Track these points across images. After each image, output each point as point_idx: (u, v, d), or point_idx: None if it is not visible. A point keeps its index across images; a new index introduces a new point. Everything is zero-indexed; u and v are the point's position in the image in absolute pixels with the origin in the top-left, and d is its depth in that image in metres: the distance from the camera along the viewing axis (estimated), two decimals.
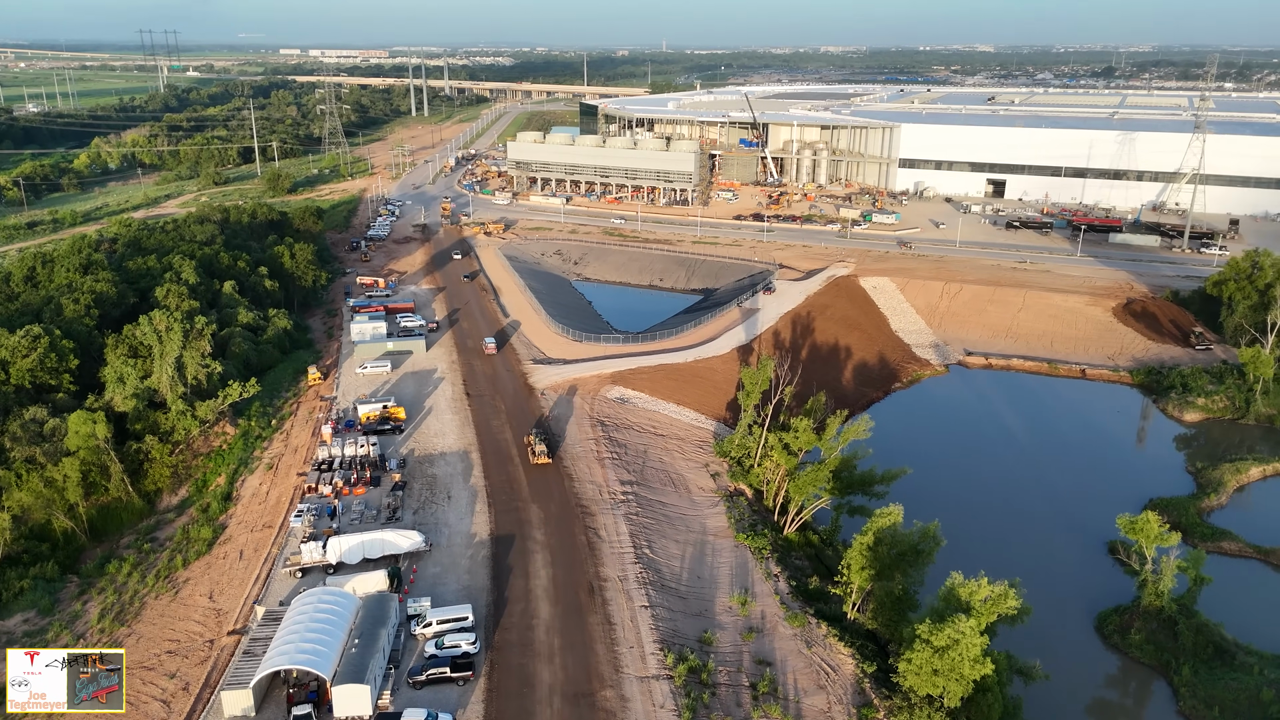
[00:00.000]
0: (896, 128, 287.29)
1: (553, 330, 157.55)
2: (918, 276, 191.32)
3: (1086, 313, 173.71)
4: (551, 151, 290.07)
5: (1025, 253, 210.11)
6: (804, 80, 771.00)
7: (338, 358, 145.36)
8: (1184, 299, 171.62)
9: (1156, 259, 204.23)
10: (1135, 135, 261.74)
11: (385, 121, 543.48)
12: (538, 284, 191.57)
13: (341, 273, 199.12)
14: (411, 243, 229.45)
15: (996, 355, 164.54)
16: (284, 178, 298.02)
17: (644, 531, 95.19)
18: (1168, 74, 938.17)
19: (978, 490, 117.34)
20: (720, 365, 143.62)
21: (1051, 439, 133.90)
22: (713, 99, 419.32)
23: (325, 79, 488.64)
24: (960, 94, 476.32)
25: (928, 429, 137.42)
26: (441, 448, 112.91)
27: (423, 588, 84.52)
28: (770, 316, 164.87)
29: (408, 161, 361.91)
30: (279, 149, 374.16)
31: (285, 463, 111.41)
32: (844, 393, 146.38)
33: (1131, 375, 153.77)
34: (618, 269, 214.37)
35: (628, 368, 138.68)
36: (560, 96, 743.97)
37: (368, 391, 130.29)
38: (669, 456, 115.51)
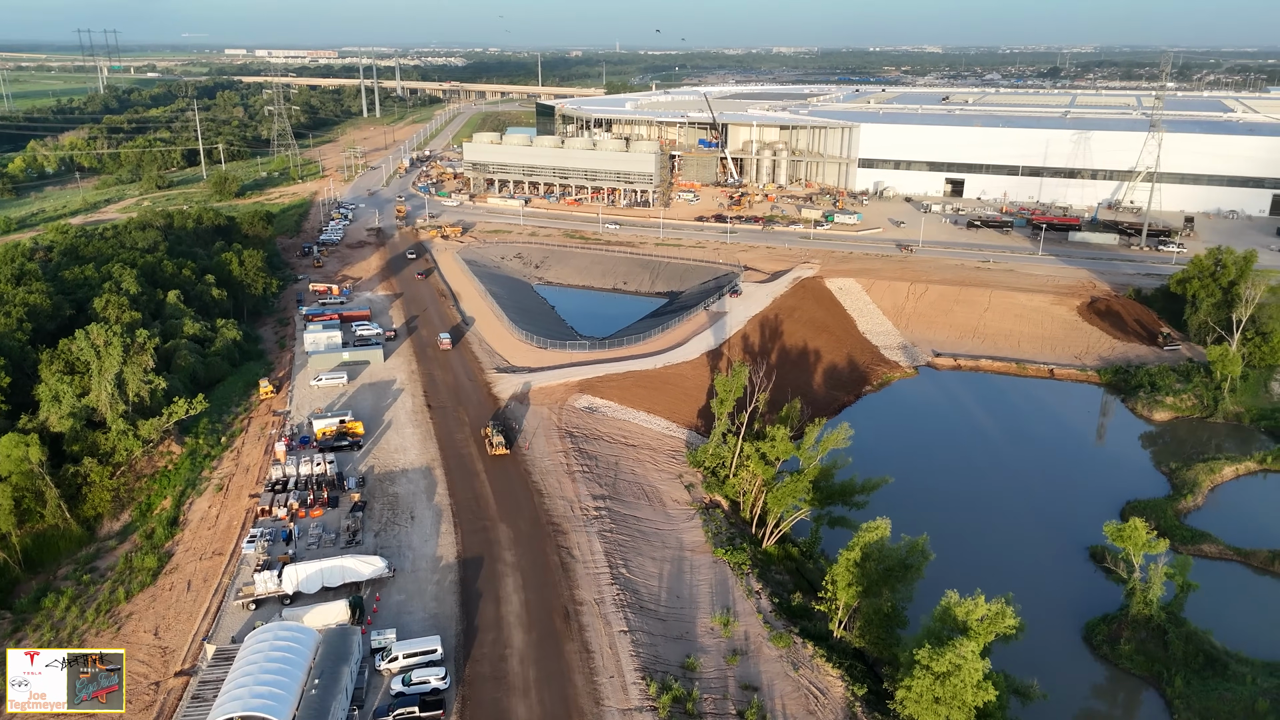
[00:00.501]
0: (855, 128, 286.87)
1: (516, 337, 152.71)
2: (883, 277, 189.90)
3: (1052, 312, 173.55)
4: (509, 153, 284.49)
5: (988, 252, 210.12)
6: (758, 81, 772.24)
7: (291, 369, 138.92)
8: (1147, 297, 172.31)
9: (1116, 257, 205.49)
10: (1090, 134, 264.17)
11: (336, 123, 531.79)
12: (498, 289, 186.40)
13: (293, 279, 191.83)
14: (366, 247, 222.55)
15: (965, 356, 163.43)
16: (231, 181, 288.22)
17: (619, 549, 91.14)
18: (1111, 74, 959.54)
19: (955, 496, 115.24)
20: (690, 371, 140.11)
21: (1025, 441, 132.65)
22: (670, 99, 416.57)
23: (273, 79, 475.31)
24: (915, 94, 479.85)
25: (901, 433, 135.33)
26: (403, 464, 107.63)
27: (387, 618, 79.48)
28: (738, 320, 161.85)
29: (360, 163, 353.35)
30: (225, 151, 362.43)
31: (236, 483, 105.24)
32: (815, 397, 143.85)
33: (1099, 375, 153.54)
34: (580, 272, 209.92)
35: (595, 375, 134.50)
36: (515, 97, 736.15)
37: (323, 405, 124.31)
38: (641, 468, 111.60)
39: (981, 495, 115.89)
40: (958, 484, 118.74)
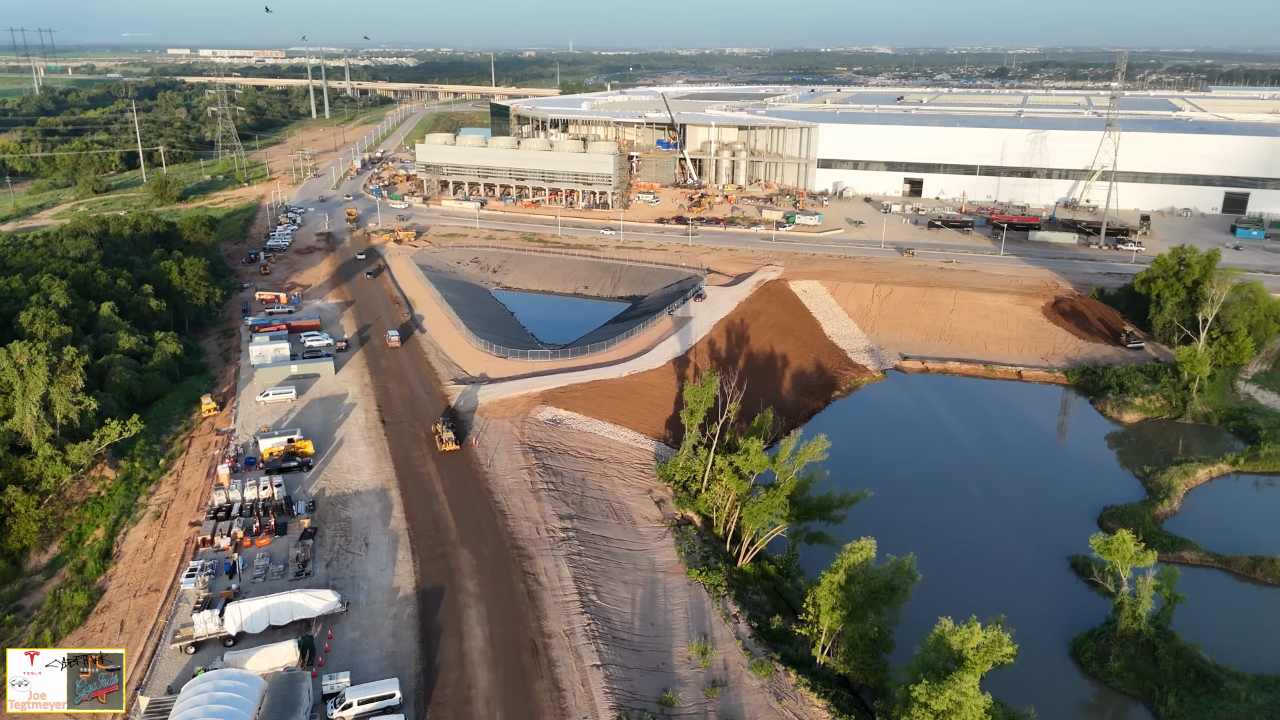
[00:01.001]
0: (814, 128, 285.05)
1: (474, 346, 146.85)
2: (847, 279, 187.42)
3: (1017, 312, 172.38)
4: (463, 154, 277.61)
5: (950, 252, 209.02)
6: (713, 81, 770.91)
7: (236, 384, 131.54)
8: (1111, 297, 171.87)
9: (1076, 256, 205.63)
10: (1046, 134, 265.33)
11: (284, 124, 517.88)
12: (455, 295, 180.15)
13: (238, 288, 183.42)
14: (315, 253, 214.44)
15: (932, 358, 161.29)
16: (172, 185, 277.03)
17: (589, 574, 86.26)
18: (1056, 74, 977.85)
19: (930, 505, 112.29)
20: (657, 379, 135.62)
21: (997, 446, 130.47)
22: (627, 99, 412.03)
23: (217, 79, 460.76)
24: (870, 94, 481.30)
25: (873, 440, 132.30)
26: (356, 485, 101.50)
27: (340, 658, 73.64)
28: (704, 325, 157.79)
29: (309, 166, 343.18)
30: (167, 154, 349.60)
31: (175, 510, 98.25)
32: (785, 404, 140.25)
33: (1066, 376, 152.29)
34: (539, 277, 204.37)
35: (558, 385, 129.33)
36: (468, 97, 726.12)
37: (270, 423, 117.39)
38: (609, 483, 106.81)
39: (957, 504, 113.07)
40: (932, 493, 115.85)
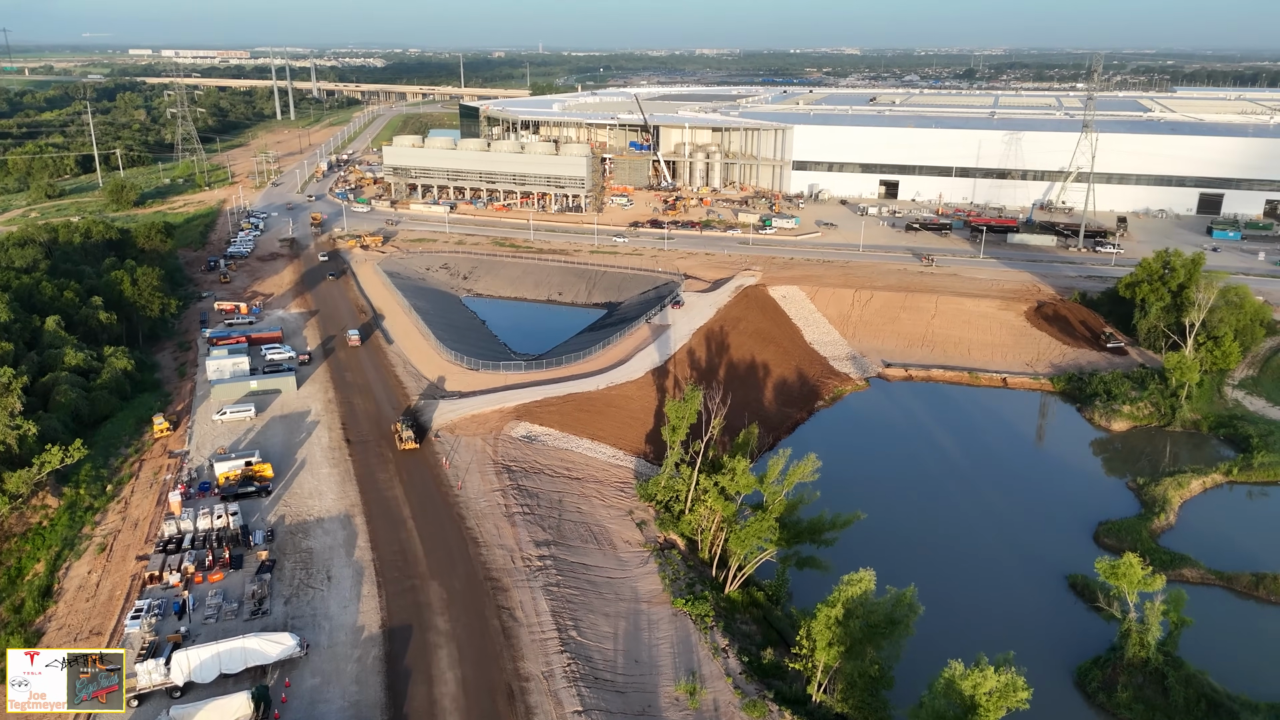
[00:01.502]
0: (789, 129, 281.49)
1: (444, 358, 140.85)
2: (826, 284, 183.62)
3: (1000, 317, 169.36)
4: (432, 156, 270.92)
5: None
6: (684, 82, 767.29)
7: (191, 401, 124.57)
8: (1094, 301, 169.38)
9: (1055, 259, 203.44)
10: (1021, 135, 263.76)
11: (247, 126, 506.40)
12: (424, 303, 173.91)
13: (197, 297, 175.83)
14: (278, 260, 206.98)
15: (916, 366, 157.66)
16: (129, 189, 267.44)
17: (568, 607, 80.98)
18: (1023, 75, 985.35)
19: (920, 522, 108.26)
20: (635, 392, 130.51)
21: (986, 457, 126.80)
22: (598, 100, 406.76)
23: (176, 80, 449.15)
24: (842, 95, 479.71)
25: (859, 452, 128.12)
26: (318, 511, 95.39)
27: (298, 710, 67.76)
28: (682, 333, 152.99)
29: (273, 169, 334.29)
30: (125, 157, 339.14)
31: (122, 542, 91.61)
32: (767, 415, 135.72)
33: (1052, 382, 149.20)
34: (512, 283, 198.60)
35: (533, 399, 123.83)
36: (437, 98, 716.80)
37: (227, 443, 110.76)
38: (588, 505, 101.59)
39: (948, 521, 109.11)
40: (922, 508, 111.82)
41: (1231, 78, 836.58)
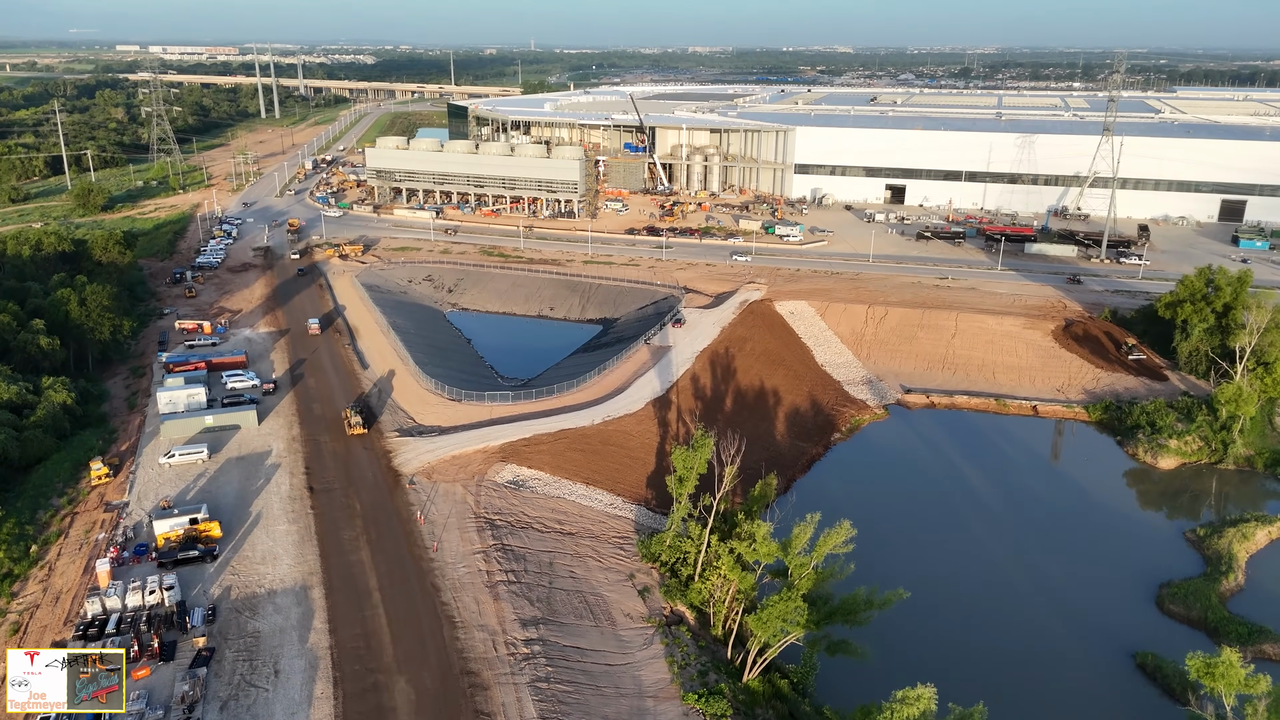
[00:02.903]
0: (791, 131, 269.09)
1: (424, 386, 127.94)
2: (837, 299, 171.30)
3: (1025, 337, 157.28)
4: (417, 158, 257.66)
5: (943, 267, 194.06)
6: (678, 80, 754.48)
7: (138, 440, 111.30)
8: (1127, 320, 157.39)
9: (1078, 270, 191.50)
10: (1034, 138, 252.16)
11: (230, 125, 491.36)
12: (404, 320, 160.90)
13: (158, 314, 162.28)
14: (250, 271, 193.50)
15: (937, 392, 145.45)
16: (96, 193, 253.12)
17: (560, 708, 68.28)
18: (1019, 75, 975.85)
19: (960, 584, 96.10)
20: (635, 426, 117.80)
21: (1023, 501, 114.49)
22: (591, 100, 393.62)
23: (152, 76, 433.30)
24: (842, 94, 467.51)
25: (882, 495, 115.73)
26: (270, 582, 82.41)
27: None
28: (685, 356, 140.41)
29: (252, 170, 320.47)
30: (97, 158, 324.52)
31: (40, 622, 78.45)
32: (779, 450, 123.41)
33: (1087, 411, 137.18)
34: (500, 296, 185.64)
35: (520, 437, 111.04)
36: (427, 96, 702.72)
37: (174, 493, 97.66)
38: (583, 567, 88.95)
39: (992, 582, 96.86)
40: (960, 566, 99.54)
41: (1228, 77, 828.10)
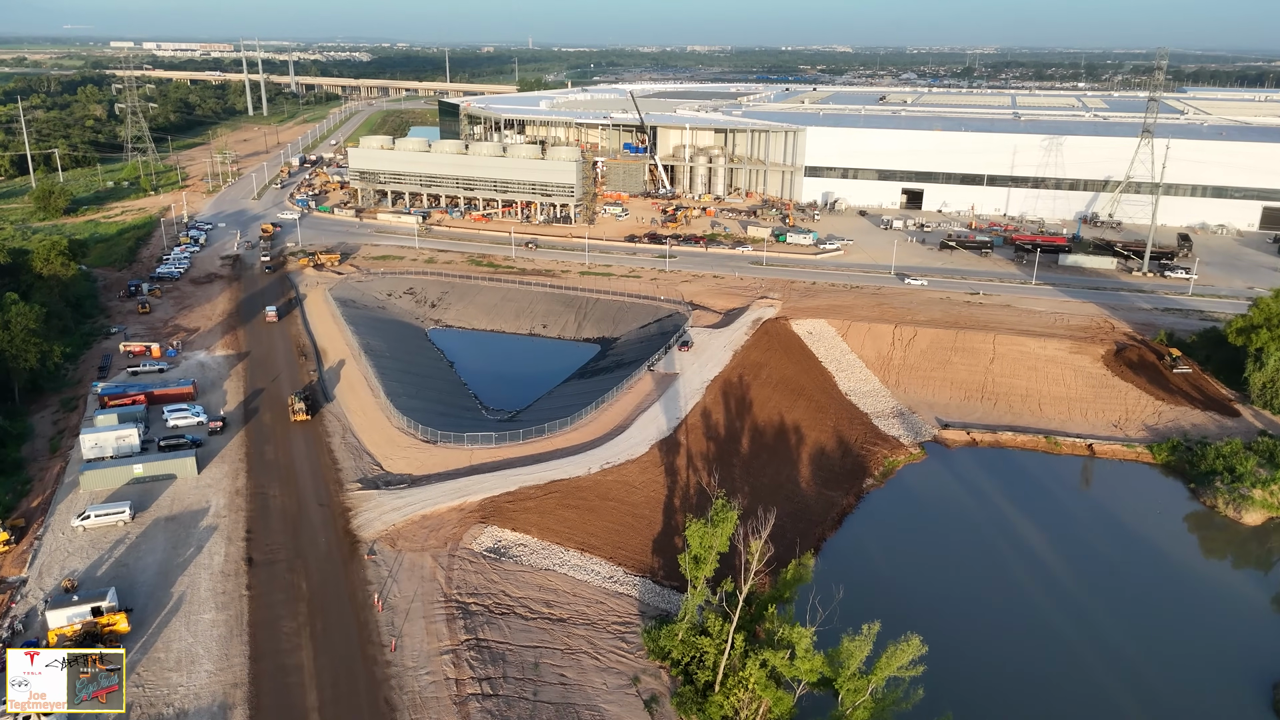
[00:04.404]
0: (801, 131, 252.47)
1: (395, 424, 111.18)
2: (859, 317, 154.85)
3: (1073, 363, 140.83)
4: (403, 159, 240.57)
5: (973, 280, 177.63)
6: (677, 78, 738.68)
7: (54, 493, 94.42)
8: (1186, 344, 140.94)
9: (1120, 285, 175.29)
10: (1062, 140, 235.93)
11: (214, 122, 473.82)
12: (380, 342, 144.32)
13: (104, 333, 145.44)
14: (215, 283, 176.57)
15: (979, 427, 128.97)
16: (58, 195, 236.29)
17: None
18: (1023, 74, 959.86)
19: (1031, 674, 79.76)
20: (638, 476, 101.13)
21: (1091, 567, 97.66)
22: (589, 98, 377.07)
23: (128, 72, 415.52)
24: (849, 93, 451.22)
25: (927, 559, 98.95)
26: (181, 698, 65.52)
27: None
28: (694, 386, 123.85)
29: (232, 170, 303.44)
30: (67, 157, 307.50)
31: None
32: (804, 500, 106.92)
33: (1152, 452, 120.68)
34: (488, 312, 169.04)
35: (504, 491, 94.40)
36: (421, 94, 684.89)
37: (82, 566, 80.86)
38: (576, 668, 72.36)
39: (1069, 678, 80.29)
40: (1027, 653, 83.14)
41: (1234, 78, 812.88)
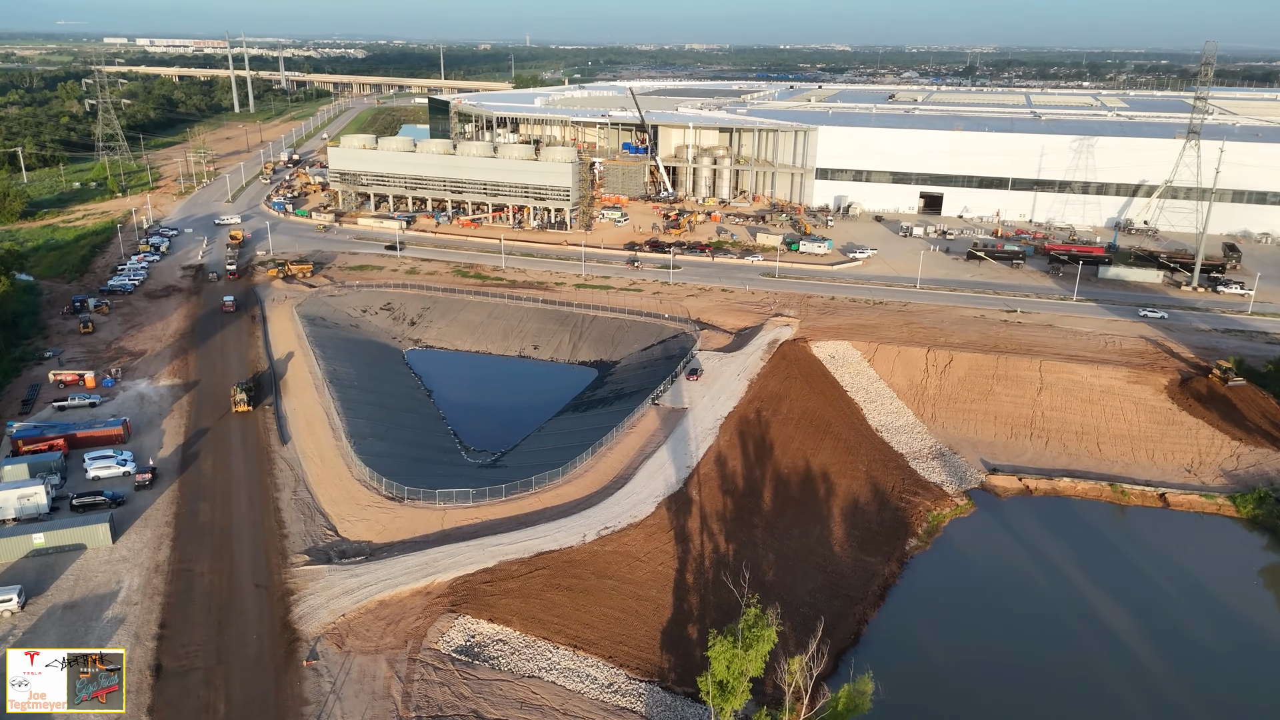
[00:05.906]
0: (812, 131, 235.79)
1: (356, 473, 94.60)
2: (886, 339, 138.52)
3: (1132, 394, 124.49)
4: (386, 160, 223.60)
5: (1006, 295, 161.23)
6: (676, 76, 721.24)
7: None
8: (1260, 374, 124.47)
9: (1170, 302, 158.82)
10: (1094, 141, 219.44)
11: (196, 120, 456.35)
12: (349, 368, 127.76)
13: (37, 357, 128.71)
14: (172, 297, 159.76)
15: (1031, 471, 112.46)
16: (14, 197, 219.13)
17: None
18: (1026, 73, 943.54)
19: None
20: (643, 544, 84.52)
21: (1186, 654, 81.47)
22: (587, 95, 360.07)
23: (98, 67, 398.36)
24: (856, 91, 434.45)
25: (987, 645, 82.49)
26: None
27: None
28: (706, 424, 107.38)
29: (208, 170, 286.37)
30: (34, 155, 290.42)
31: None
32: (839, 568, 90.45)
33: (1235, 504, 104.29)
34: (473, 331, 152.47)
35: (481, 567, 77.84)
36: (415, 91, 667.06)
37: None
38: None
39: None
40: None
41: (1239, 77, 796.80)
